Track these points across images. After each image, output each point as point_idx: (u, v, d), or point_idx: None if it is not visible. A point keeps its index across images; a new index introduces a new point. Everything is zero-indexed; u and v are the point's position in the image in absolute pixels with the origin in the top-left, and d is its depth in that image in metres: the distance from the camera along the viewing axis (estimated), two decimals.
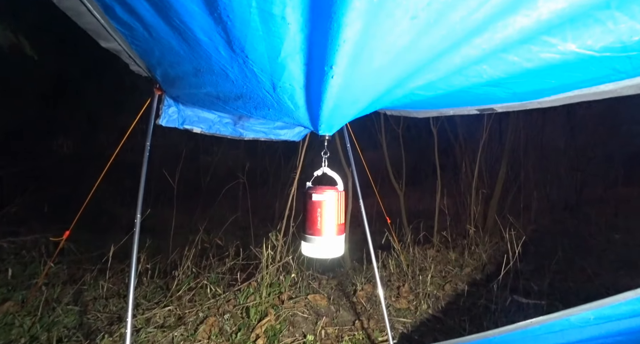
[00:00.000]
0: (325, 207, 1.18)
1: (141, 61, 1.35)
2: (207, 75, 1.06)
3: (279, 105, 1.01)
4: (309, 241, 1.21)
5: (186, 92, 1.58)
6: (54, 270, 3.68)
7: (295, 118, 1.08)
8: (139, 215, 1.89)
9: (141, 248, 3.77)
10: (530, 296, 3.12)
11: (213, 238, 4.43)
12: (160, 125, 2.22)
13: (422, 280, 3.29)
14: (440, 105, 1.47)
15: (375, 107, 1.12)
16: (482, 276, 3.56)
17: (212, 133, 2.28)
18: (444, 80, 0.98)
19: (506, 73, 0.96)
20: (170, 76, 1.35)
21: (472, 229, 3.98)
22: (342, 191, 1.25)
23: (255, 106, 1.11)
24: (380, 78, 0.83)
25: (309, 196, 1.21)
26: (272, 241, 3.24)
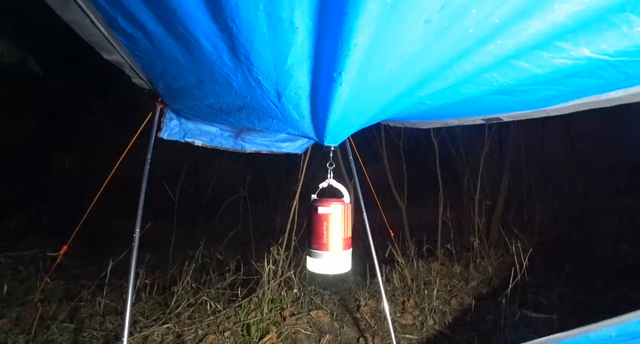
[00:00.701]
0: (332, 221, 1.13)
1: (144, 74, 1.33)
2: (210, 85, 1.03)
3: (284, 115, 0.98)
4: (314, 256, 1.15)
5: (188, 105, 1.56)
6: (51, 286, 3.59)
7: (300, 129, 1.05)
8: (138, 230, 1.84)
9: (140, 263, 3.68)
10: (540, 310, 3.01)
11: (213, 253, 4.35)
12: (162, 140, 2.21)
13: (428, 295, 3.19)
14: (446, 115, 1.44)
15: (382, 117, 1.09)
16: (488, 290, 3.46)
17: (214, 146, 2.25)
18: (453, 89, 0.96)
19: (516, 81, 0.93)
20: (173, 88, 1.33)
21: (477, 241, 3.90)
22: (348, 203, 1.20)
23: (259, 117, 1.08)
24: (389, 86, 0.80)
25: (314, 209, 1.16)
26: (274, 256, 3.16)
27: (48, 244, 4.02)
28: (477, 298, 3.34)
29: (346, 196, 1.22)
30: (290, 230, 3.39)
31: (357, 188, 2.27)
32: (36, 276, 3.54)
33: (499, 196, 4.69)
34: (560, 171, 6.13)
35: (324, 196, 1.19)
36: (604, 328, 1.18)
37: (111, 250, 3.58)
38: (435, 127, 1.67)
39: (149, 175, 1.98)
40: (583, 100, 1.15)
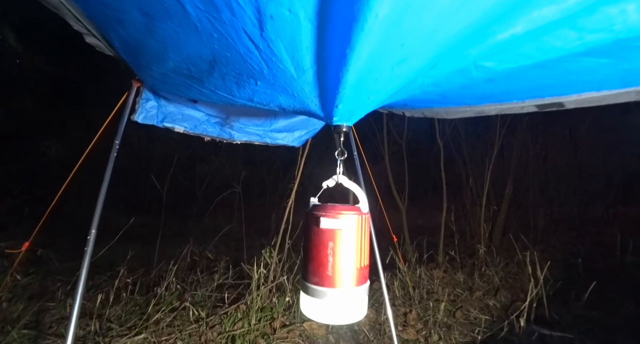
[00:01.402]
0: (342, 240, 0.70)
1: (84, 18, 0.93)
2: (161, 21, 0.64)
3: (271, 68, 0.59)
4: (313, 295, 0.73)
5: (156, 73, 1.15)
6: (24, 282, 3.19)
7: (298, 95, 0.66)
8: (94, 231, 1.43)
9: (123, 260, 3.30)
10: (554, 327, 2.64)
11: (203, 251, 3.95)
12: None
13: (431, 306, 2.81)
14: (490, 97, 1.04)
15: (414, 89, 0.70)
16: (495, 302, 3.08)
17: (198, 133, 1.85)
18: (541, 37, 0.56)
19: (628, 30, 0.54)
20: (128, 44, 0.93)
21: (483, 249, 3.52)
22: (367, 213, 0.77)
23: (237, 78, 0.69)
24: (439, 27, 0.41)
25: (314, 220, 0.73)
26: (265, 259, 2.76)
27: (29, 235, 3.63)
28: (483, 310, 2.97)
29: (363, 203, 0.79)
30: (285, 230, 3.00)
31: (362, 185, 1.88)
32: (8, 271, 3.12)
33: (503, 202, 4.32)
34: (561, 178, 5.79)
35: (328, 202, 0.78)
36: None
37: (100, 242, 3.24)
38: (465, 116, 1.28)
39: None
40: None
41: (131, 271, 3.33)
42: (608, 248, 4.54)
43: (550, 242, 4.70)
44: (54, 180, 5.66)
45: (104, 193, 1.47)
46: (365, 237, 0.74)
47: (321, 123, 2.09)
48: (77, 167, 1.90)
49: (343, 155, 0.81)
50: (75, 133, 6.09)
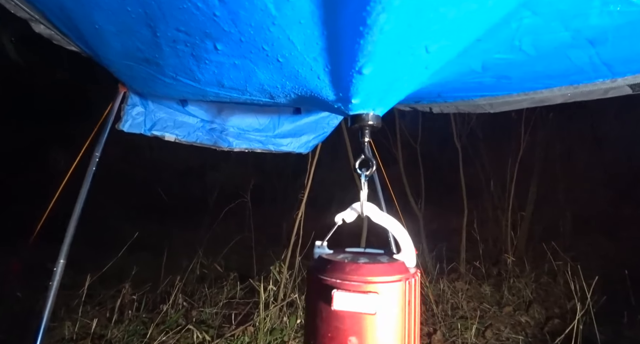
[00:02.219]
0: (375, 333, 0.35)
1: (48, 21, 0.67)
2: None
3: (229, 7, 0.29)
4: None
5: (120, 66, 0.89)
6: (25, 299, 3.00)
7: (285, 56, 0.35)
8: (62, 261, 1.17)
9: (128, 275, 3.10)
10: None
11: (212, 263, 3.70)
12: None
13: (460, 325, 2.45)
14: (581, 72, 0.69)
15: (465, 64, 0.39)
16: (528, 319, 2.69)
17: (191, 142, 1.59)
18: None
19: None
20: (59, 17, 0.66)
21: (511, 259, 3.12)
22: (415, 272, 0.45)
23: (192, 49, 0.41)
24: None
25: (321, 291, 0.39)
26: (275, 275, 2.47)
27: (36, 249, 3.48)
28: (515, 328, 2.58)
29: (408, 252, 0.46)
30: (295, 243, 2.70)
31: (381, 200, 1.57)
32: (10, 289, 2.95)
33: (527, 206, 3.90)
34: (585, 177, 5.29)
35: (343, 244, 0.44)
36: None
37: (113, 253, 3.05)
38: (514, 108, 0.96)
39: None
40: None
41: (137, 286, 3.11)
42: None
43: (580, 248, 4.23)
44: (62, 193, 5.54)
45: (78, 215, 1.21)
46: (417, 318, 0.41)
47: (333, 123, 1.75)
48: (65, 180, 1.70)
49: (371, 168, 0.49)
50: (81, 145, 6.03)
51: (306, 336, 0.42)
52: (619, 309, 2.68)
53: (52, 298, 1.08)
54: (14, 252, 3.80)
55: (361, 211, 0.48)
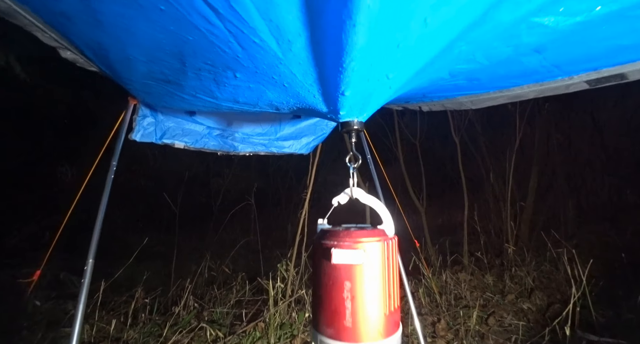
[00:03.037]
0: (363, 279, 0.53)
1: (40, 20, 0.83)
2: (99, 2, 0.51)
3: (246, 48, 0.45)
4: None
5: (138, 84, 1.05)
6: (47, 307, 3.16)
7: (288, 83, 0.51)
8: (91, 261, 1.33)
9: (139, 281, 3.25)
10: (602, 332, 2.35)
11: (220, 266, 3.86)
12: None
13: (461, 314, 2.58)
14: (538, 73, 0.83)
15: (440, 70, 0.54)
16: (530, 306, 2.81)
17: (199, 148, 1.75)
18: None
19: None
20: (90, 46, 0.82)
21: (512, 248, 3.25)
22: (393, 237, 0.61)
23: (214, 75, 0.57)
24: None
25: (323, 252, 0.56)
26: (282, 273, 2.61)
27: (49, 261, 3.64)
28: (518, 315, 2.71)
29: (387, 223, 0.62)
30: (300, 242, 2.85)
31: (379, 191, 1.71)
32: (28, 298, 3.10)
33: (528, 196, 4.02)
34: (587, 165, 5.40)
35: (341, 223, 0.62)
36: None
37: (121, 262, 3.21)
38: (495, 104, 1.10)
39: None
40: None
41: (149, 291, 3.27)
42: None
43: (583, 236, 4.34)
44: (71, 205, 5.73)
45: (101, 219, 1.37)
46: (394, 270, 0.57)
47: (330, 126, 1.94)
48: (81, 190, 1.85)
49: (357, 162, 0.65)
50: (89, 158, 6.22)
51: (313, 288, 0.58)
52: (619, 293, 2.80)
53: (85, 295, 1.24)
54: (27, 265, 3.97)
55: (351, 194, 0.64)
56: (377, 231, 0.59)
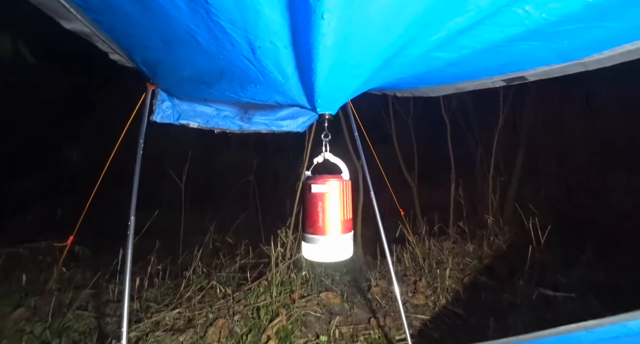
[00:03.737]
0: (328, 200, 0.94)
1: (115, 44, 1.16)
2: (178, 48, 0.85)
3: (265, 77, 0.79)
4: (309, 242, 0.98)
5: (172, 80, 1.39)
6: (68, 275, 3.60)
7: (287, 94, 0.86)
8: (133, 218, 1.72)
9: (151, 250, 3.66)
10: (559, 289, 2.82)
11: (224, 237, 4.29)
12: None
13: (440, 274, 3.04)
14: (460, 76, 1.21)
15: (384, 76, 0.89)
16: (503, 268, 3.27)
17: (210, 127, 2.09)
18: (471, 33, 0.74)
19: (556, 15, 0.70)
20: (149, 61, 1.16)
21: (491, 219, 3.68)
22: (347, 180, 1.01)
23: (241, 84, 0.90)
24: (389, 24, 0.60)
25: (308, 187, 0.98)
26: (282, 239, 3.04)
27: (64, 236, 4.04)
28: (491, 276, 3.17)
29: (345, 172, 1.03)
30: (298, 212, 3.26)
31: (365, 167, 2.08)
32: (53, 266, 3.54)
33: (513, 172, 4.41)
34: (579, 146, 5.75)
35: (319, 173, 1.01)
36: None
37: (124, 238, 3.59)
38: (447, 93, 1.44)
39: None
40: (629, 47, 0.90)
41: (160, 260, 3.70)
42: (624, 216, 4.58)
43: (565, 211, 4.78)
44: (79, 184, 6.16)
45: (137, 187, 1.74)
46: (347, 197, 0.98)
47: None
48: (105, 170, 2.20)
49: (327, 137, 1.04)
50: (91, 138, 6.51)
51: (302, 208, 0.98)
52: (582, 258, 3.27)
53: (131, 243, 1.63)
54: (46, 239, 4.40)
55: (324, 156, 1.03)
56: (337, 176, 1.01)
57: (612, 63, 0.98)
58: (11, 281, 3.27)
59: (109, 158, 2.15)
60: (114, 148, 2.19)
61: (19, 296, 2.96)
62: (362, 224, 3.94)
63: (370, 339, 2.36)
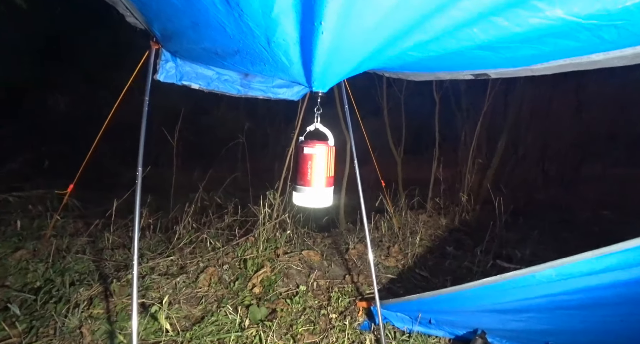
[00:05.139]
0: (315, 160, 1.27)
1: (138, 13, 1.36)
2: (205, 29, 1.09)
3: (274, 60, 1.05)
4: (299, 192, 1.32)
5: (185, 47, 1.60)
6: (61, 224, 3.81)
7: (290, 74, 1.12)
8: (140, 169, 1.98)
9: (143, 204, 3.91)
10: (512, 261, 3.32)
11: (212, 197, 4.59)
12: (159, 84, 2.24)
13: (412, 242, 3.49)
14: (435, 68, 1.49)
15: (368, 66, 1.15)
16: (470, 242, 3.76)
17: (210, 89, 2.30)
18: (436, 42, 1.02)
19: (496, 38, 0.99)
20: (168, 29, 1.37)
21: (465, 197, 4.12)
22: (332, 146, 1.33)
23: (252, 61, 1.15)
24: (370, 37, 0.86)
25: (300, 149, 1.30)
26: (270, 200, 3.38)
27: (53, 185, 4.21)
28: (457, 248, 3.65)
29: (330, 139, 1.34)
30: (287, 176, 3.57)
31: (351, 139, 2.37)
32: (45, 214, 3.77)
33: (495, 156, 4.81)
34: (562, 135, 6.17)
35: (312, 139, 1.32)
36: (547, 269, 1.39)
37: (114, 193, 3.78)
38: (427, 79, 1.72)
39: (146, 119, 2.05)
40: (565, 61, 1.20)
41: (151, 214, 3.98)
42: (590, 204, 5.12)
43: (537, 196, 5.29)
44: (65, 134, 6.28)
45: (143, 143, 1.98)
46: (331, 159, 1.33)
47: None
48: (107, 123, 2.39)
49: (319, 110, 1.35)
50: (75, 87, 6.46)
51: (294, 165, 1.31)
52: (541, 238, 3.77)
53: (139, 191, 1.91)
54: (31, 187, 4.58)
55: (316, 125, 1.33)
56: (324, 142, 1.34)
57: (552, 72, 1.27)
58: (6, 227, 3.50)
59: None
60: (116, 103, 2.35)
61: (17, 240, 3.22)
62: (347, 194, 4.32)
63: (344, 292, 2.80)
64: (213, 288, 2.69)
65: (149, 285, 2.64)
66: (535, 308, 1.73)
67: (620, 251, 1.17)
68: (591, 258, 1.25)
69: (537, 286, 1.52)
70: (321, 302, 2.61)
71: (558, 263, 1.33)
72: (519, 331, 1.93)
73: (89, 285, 2.59)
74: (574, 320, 1.70)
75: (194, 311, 2.41)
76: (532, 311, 1.78)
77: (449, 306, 1.93)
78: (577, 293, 1.49)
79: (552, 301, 1.60)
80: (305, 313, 2.44)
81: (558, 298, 1.57)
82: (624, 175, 6.65)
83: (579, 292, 1.48)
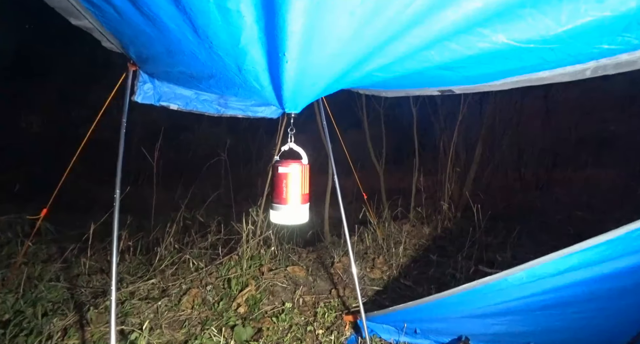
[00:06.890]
0: (290, 179, 1.33)
1: (114, 39, 1.40)
2: (179, 55, 1.14)
3: (247, 85, 1.11)
4: (276, 210, 1.37)
5: (161, 69, 1.64)
6: (33, 250, 3.66)
7: (263, 97, 1.19)
8: (118, 191, 1.97)
9: (122, 226, 3.82)
10: (494, 266, 3.42)
11: (195, 215, 4.54)
12: (137, 102, 2.26)
13: (396, 253, 3.55)
14: (403, 86, 1.59)
15: (337, 87, 1.23)
16: (452, 248, 3.85)
17: (189, 109, 2.34)
18: (398, 64, 1.10)
19: (452, 59, 1.08)
20: (144, 55, 1.42)
21: (446, 205, 4.24)
22: (306, 164, 1.39)
23: (226, 85, 1.21)
24: (334, 63, 0.94)
25: (275, 168, 1.36)
26: (253, 217, 3.39)
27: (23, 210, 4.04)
28: (441, 255, 3.73)
29: (304, 158, 1.40)
30: (270, 192, 3.59)
31: (330, 154, 2.44)
32: (16, 241, 3.61)
33: (472, 164, 5.00)
34: (534, 142, 6.49)
35: (285, 158, 1.38)
36: (517, 272, 1.47)
37: (90, 215, 3.66)
38: (399, 95, 1.83)
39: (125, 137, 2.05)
40: (518, 78, 1.32)
41: (130, 236, 3.88)
42: (564, 205, 5.37)
43: (514, 201, 5.50)
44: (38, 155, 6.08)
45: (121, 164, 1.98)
46: (305, 177, 1.39)
47: None
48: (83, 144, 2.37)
49: (292, 131, 1.42)
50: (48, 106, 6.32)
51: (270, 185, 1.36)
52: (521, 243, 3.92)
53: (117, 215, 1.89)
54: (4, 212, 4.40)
55: (289, 145, 1.38)
56: (298, 160, 1.39)
57: (508, 88, 1.39)
58: None
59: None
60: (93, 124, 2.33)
61: None
62: (331, 206, 4.37)
63: (330, 306, 2.81)
64: (196, 310, 2.65)
65: (128, 311, 2.57)
66: (514, 311, 1.81)
67: (580, 251, 1.25)
68: (556, 259, 1.33)
69: (511, 289, 1.60)
70: (307, 318, 2.61)
71: (527, 266, 1.41)
72: (501, 334, 1.99)
73: (63, 314, 2.49)
74: (551, 319, 1.78)
75: (177, 335, 2.36)
76: (512, 314, 1.86)
77: (433, 313, 1.98)
78: (548, 293, 1.58)
79: (528, 303, 1.68)
80: (292, 330, 2.43)
81: (532, 299, 1.65)
82: (592, 176, 7.04)
83: (550, 292, 1.56)
